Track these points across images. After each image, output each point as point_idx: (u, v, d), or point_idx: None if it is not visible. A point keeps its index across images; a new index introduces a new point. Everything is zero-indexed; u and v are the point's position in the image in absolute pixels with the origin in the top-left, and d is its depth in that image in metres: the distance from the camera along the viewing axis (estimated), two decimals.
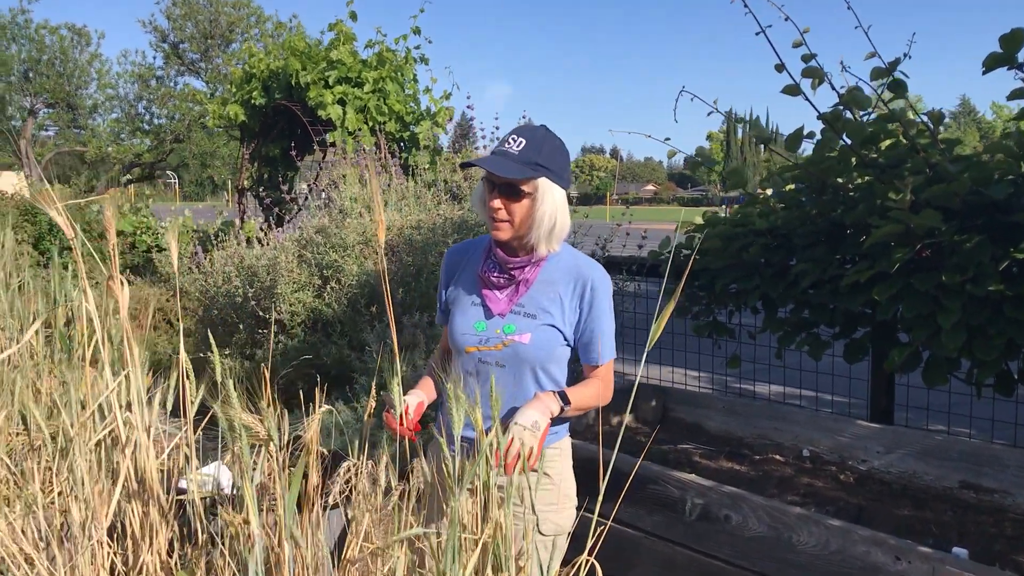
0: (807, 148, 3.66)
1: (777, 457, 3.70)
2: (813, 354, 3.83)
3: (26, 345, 2.54)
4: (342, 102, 7.13)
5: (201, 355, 5.14)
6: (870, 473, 3.51)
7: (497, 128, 6.70)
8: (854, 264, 3.43)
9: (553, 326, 2.00)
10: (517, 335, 1.98)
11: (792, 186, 3.93)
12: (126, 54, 28.70)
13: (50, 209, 1.45)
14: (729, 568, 2.77)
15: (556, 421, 2.02)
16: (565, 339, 2.03)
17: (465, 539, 1.46)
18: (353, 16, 7.65)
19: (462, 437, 1.67)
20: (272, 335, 4.70)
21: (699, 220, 4.42)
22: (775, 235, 3.85)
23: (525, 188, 1.92)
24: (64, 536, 1.61)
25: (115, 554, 1.61)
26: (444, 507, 1.95)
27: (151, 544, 1.65)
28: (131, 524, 1.62)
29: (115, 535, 1.70)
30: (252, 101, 7.77)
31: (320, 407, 1.59)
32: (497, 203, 1.94)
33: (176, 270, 1.58)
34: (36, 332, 2.63)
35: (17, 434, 1.88)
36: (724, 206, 4.27)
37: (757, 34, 3.36)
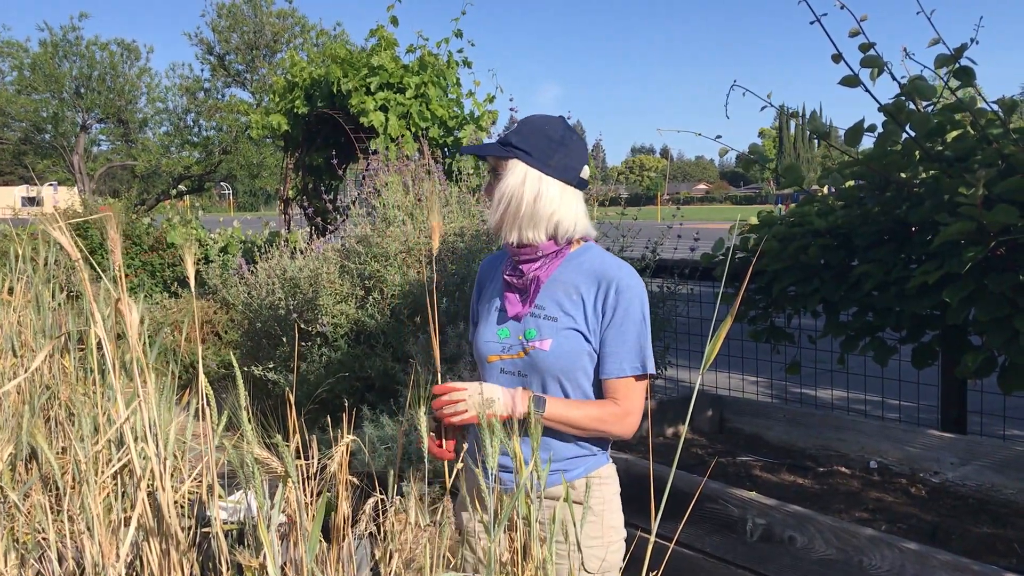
0: (868, 143, 3.46)
1: (843, 469, 3.50)
2: (878, 359, 3.63)
3: (52, 368, 2.47)
4: (384, 108, 7.06)
5: (246, 368, 5.11)
6: (943, 486, 3.30)
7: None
8: (920, 264, 3.23)
9: (578, 331, 1.81)
10: (538, 341, 1.81)
11: (852, 183, 3.73)
12: (174, 67, 29.27)
13: (52, 229, 1.36)
14: None
15: (595, 441, 1.88)
16: (593, 349, 1.84)
17: None
18: (394, 21, 7.58)
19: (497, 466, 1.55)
20: (316, 347, 4.63)
21: (754, 220, 4.24)
22: (835, 235, 3.66)
23: (500, 169, 1.84)
24: (79, 572, 1.51)
25: None
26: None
27: None
28: (148, 562, 1.52)
29: (134, 572, 1.61)
30: (295, 110, 7.74)
31: (347, 435, 1.47)
32: (487, 190, 1.89)
33: (193, 287, 1.48)
34: (67, 352, 2.56)
35: (28, 468, 1.80)
36: (779, 204, 4.09)
37: (812, 23, 3.18)
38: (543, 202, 1.80)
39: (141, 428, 1.50)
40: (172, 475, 1.59)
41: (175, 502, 1.62)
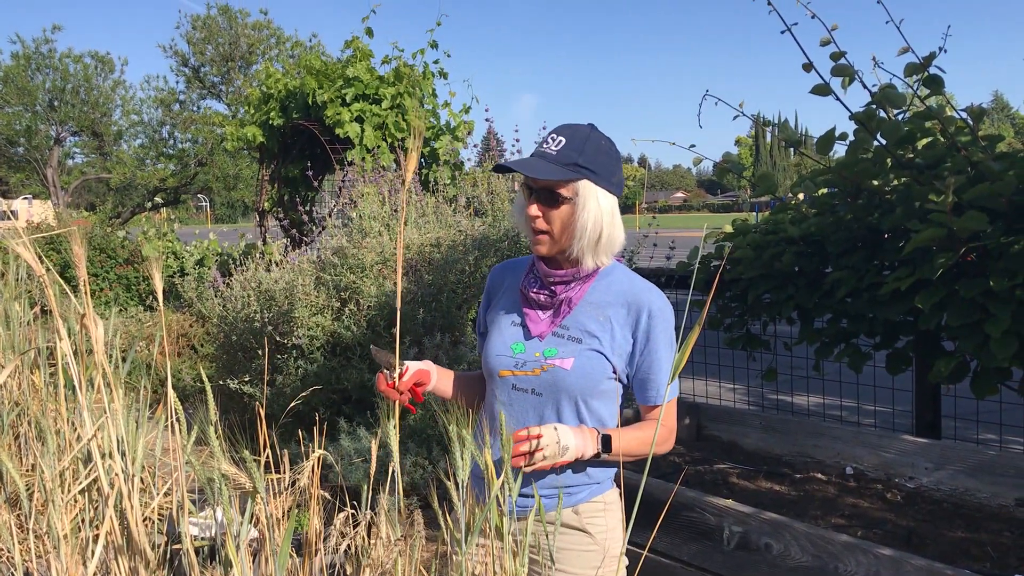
0: (840, 151, 3.49)
1: (819, 476, 3.52)
2: (853, 366, 3.65)
3: (22, 384, 2.44)
4: (360, 119, 7.05)
5: (221, 382, 5.06)
6: (919, 491, 3.32)
7: (517, 141, 6.55)
8: (893, 271, 3.26)
9: (600, 353, 1.76)
10: (558, 359, 1.75)
11: (825, 190, 3.76)
12: (149, 80, 29.07)
13: (13, 243, 1.34)
14: None
15: (597, 464, 1.84)
16: (614, 371, 1.78)
17: None
18: (369, 32, 7.58)
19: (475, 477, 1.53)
20: (292, 360, 4.59)
21: (728, 228, 4.26)
22: (808, 242, 3.68)
23: (564, 192, 1.70)
24: None
25: None
26: None
27: None
28: None
29: None
30: (270, 122, 7.72)
31: (318, 449, 1.45)
32: (535, 210, 1.73)
33: (161, 301, 1.46)
34: (38, 369, 2.53)
35: None
36: (756, 212, 4.11)
37: (782, 32, 3.21)
38: (616, 226, 1.77)
39: (108, 445, 1.48)
40: (142, 491, 1.57)
41: (145, 518, 1.60)
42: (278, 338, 4.57)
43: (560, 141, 1.71)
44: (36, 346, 2.47)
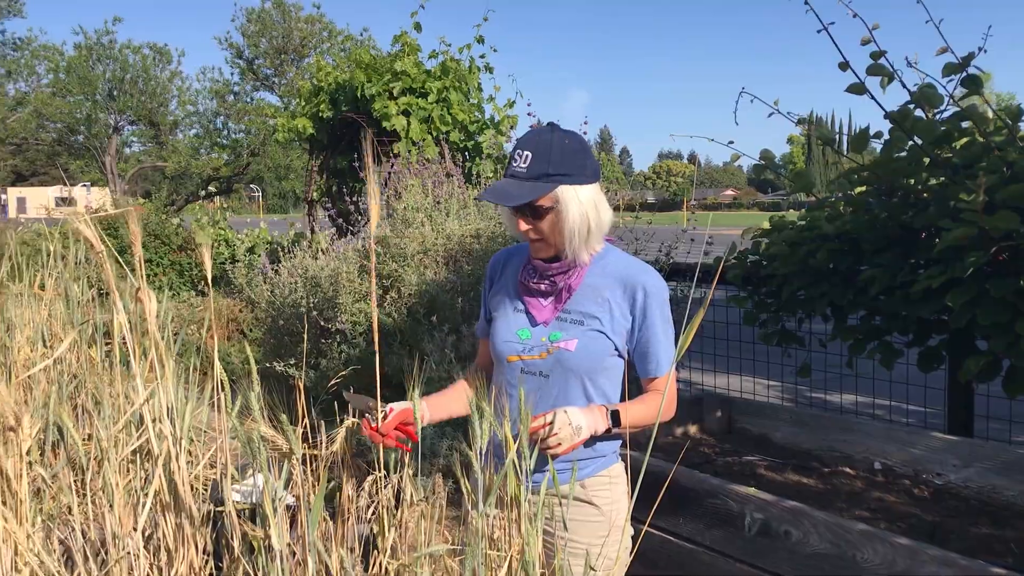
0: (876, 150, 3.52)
1: (847, 470, 3.56)
2: (885, 363, 3.68)
3: (80, 358, 2.60)
4: (406, 113, 7.19)
5: (268, 365, 5.23)
6: (946, 488, 3.34)
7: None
8: (926, 269, 3.28)
9: (602, 332, 1.86)
10: (563, 342, 1.85)
11: (862, 188, 3.78)
12: (205, 71, 29.75)
13: (78, 222, 1.48)
14: None
15: (605, 439, 1.93)
16: (616, 349, 1.89)
17: (494, 555, 1.42)
18: (418, 27, 7.71)
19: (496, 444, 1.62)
20: (335, 344, 4.75)
21: (766, 225, 4.30)
22: (843, 240, 3.71)
23: (544, 204, 1.79)
24: (100, 545, 1.62)
25: (150, 565, 1.62)
26: None
27: (184, 557, 1.65)
28: (164, 535, 1.63)
29: (151, 546, 1.71)
30: (320, 114, 7.89)
31: (350, 416, 1.57)
32: (524, 225, 1.83)
33: (210, 284, 1.58)
34: (95, 344, 2.69)
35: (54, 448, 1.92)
36: (803, 210, 4.14)
37: (819, 31, 3.24)
38: (601, 211, 1.85)
39: (159, 410, 1.61)
40: (188, 457, 1.70)
41: (190, 484, 1.73)
42: (323, 323, 4.73)
43: (527, 156, 1.79)
44: (93, 322, 2.63)
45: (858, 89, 3.31)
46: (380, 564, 1.51)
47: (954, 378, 3.78)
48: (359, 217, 6.83)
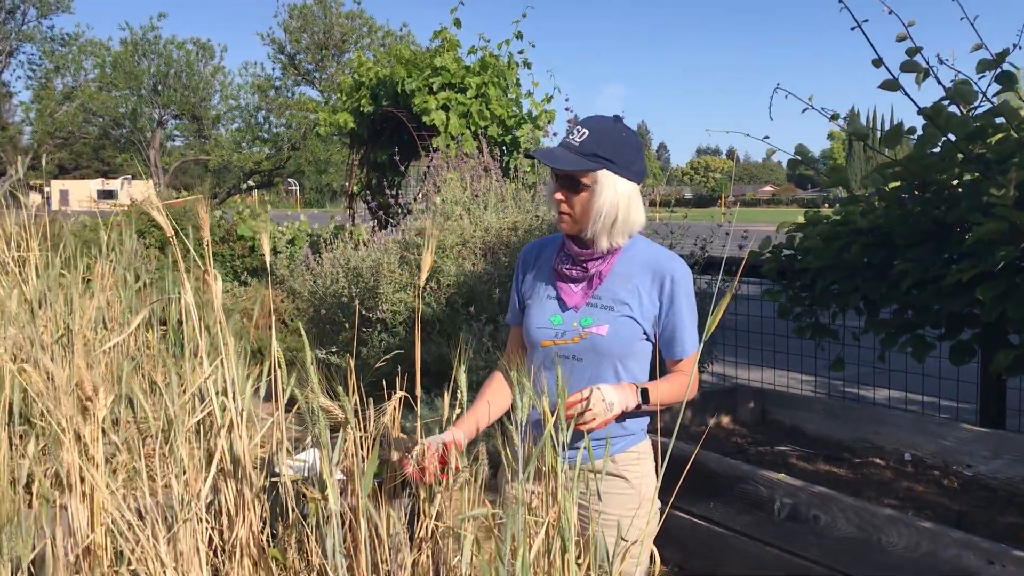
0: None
1: (877, 460, 3.62)
2: (916, 356, 3.73)
3: (140, 340, 2.75)
4: (446, 108, 7.32)
5: (311, 352, 5.38)
6: (975, 479, 3.39)
7: None
8: (958, 263, 3.33)
9: (631, 318, 1.96)
10: (594, 327, 1.95)
11: (897, 183, 3.82)
12: (247, 66, 30.22)
13: (151, 209, 1.60)
14: (817, 568, 2.74)
15: (633, 416, 2.03)
16: (644, 333, 1.99)
17: (532, 521, 1.53)
18: (457, 23, 7.84)
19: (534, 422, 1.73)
20: (376, 333, 4.88)
21: (801, 219, 4.36)
22: (877, 234, 3.76)
23: (584, 180, 1.89)
24: (166, 509, 1.75)
25: (212, 528, 1.75)
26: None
27: (244, 520, 1.78)
28: (226, 501, 1.75)
29: (213, 511, 1.85)
30: (361, 109, 8.05)
31: (400, 390, 1.68)
32: (559, 196, 1.94)
33: (269, 266, 1.71)
34: (151, 328, 2.83)
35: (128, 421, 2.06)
36: (837, 205, 4.18)
37: (852, 29, 3.30)
38: (633, 210, 1.96)
39: (221, 383, 1.73)
40: (247, 427, 1.83)
41: (248, 456, 1.86)
42: (364, 312, 4.86)
43: (584, 133, 1.91)
44: (159, 301, 2.77)
45: (891, 85, 3.36)
46: (426, 527, 1.62)
47: (986, 372, 3.81)
48: (398, 210, 6.97)
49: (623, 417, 1.95)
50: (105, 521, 1.63)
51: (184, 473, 1.70)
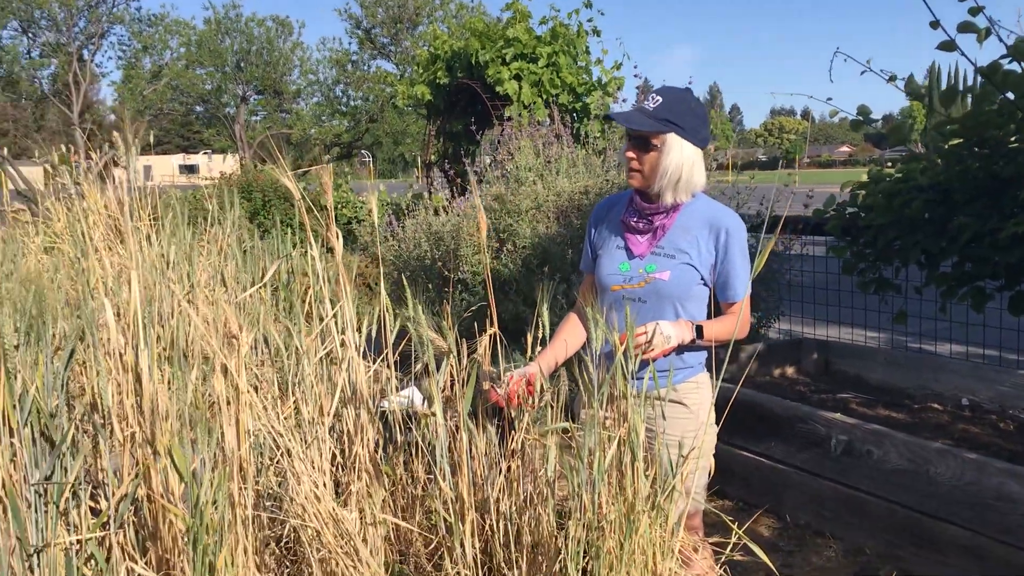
0: None
1: (935, 406, 3.80)
2: (976, 307, 3.86)
3: (257, 294, 3.11)
4: (518, 77, 7.57)
5: (396, 312, 5.75)
6: None
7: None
8: (1015, 217, 3.45)
9: (691, 265, 2.22)
10: (658, 273, 2.22)
11: (957, 141, 3.94)
12: (324, 41, 30.87)
13: (283, 176, 1.92)
14: (871, 499, 2.97)
15: (691, 351, 2.29)
16: (702, 278, 2.24)
17: (605, 437, 1.81)
18: None
19: (605, 354, 2.01)
20: (456, 293, 5.21)
21: (864, 178, 4.50)
22: (937, 190, 3.89)
23: (654, 141, 2.16)
24: (296, 431, 2.09)
25: (335, 447, 2.08)
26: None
27: (362, 439, 2.11)
28: (346, 424, 2.09)
29: (335, 435, 2.18)
30: (437, 81, 8.36)
31: (491, 328, 1.98)
32: (631, 153, 2.21)
33: (376, 221, 2.01)
34: (265, 286, 3.19)
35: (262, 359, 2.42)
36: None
37: None
38: (696, 171, 2.23)
39: (342, 322, 2.06)
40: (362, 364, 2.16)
41: (364, 384, 2.19)
42: (446, 273, 5.20)
43: (658, 100, 2.19)
44: (285, 257, 3.12)
45: (948, 47, 3.49)
46: (516, 440, 1.93)
47: None
48: (474, 177, 7.28)
49: (682, 351, 2.22)
50: (260, 430, 1.98)
51: (311, 399, 2.04)
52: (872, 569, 2.95)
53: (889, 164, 4.47)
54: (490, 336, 2.08)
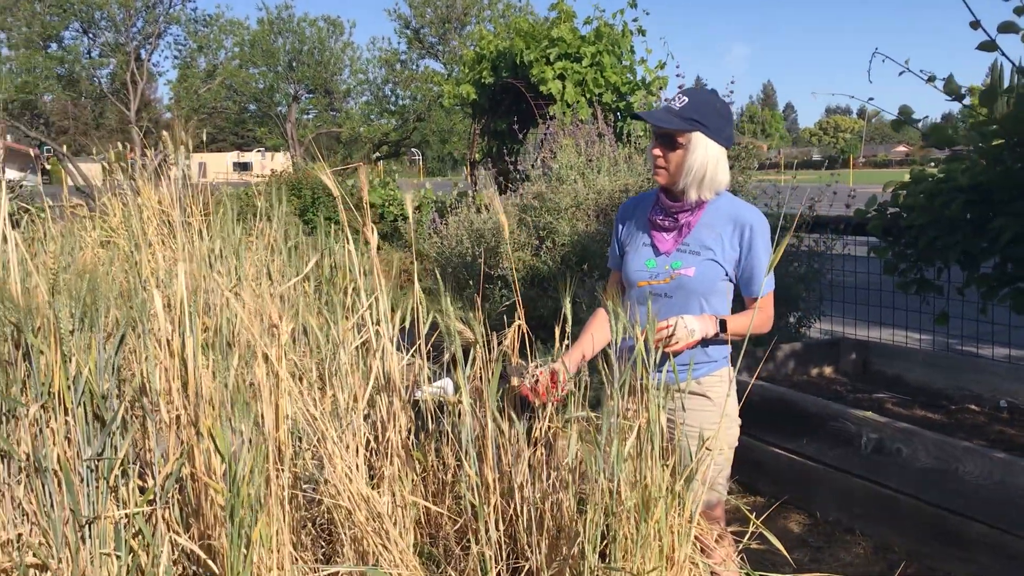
0: None
1: (972, 407, 3.78)
2: (1016, 308, 3.84)
3: (300, 287, 3.22)
4: (562, 77, 7.63)
5: (431, 306, 5.88)
6: None
7: (731, 93, 6.59)
8: None
9: (715, 261, 2.27)
10: (683, 269, 2.28)
11: (999, 142, 3.91)
12: (374, 41, 31.24)
13: (322, 174, 2.02)
14: (899, 496, 2.99)
15: (715, 344, 2.34)
16: (726, 274, 2.30)
17: (625, 425, 1.88)
18: None
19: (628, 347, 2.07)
20: (497, 289, 5.31)
21: (906, 178, 4.48)
22: (977, 191, 3.87)
23: (680, 139, 2.22)
24: (332, 418, 2.19)
25: (368, 433, 2.18)
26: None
27: (395, 426, 2.21)
28: (380, 411, 2.18)
29: (369, 422, 2.28)
30: (482, 80, 8.46)
31: (519, 319, 2.06)
32: (657, 151, 2.27)
33: (412, 222, 2.10)
34: (308, 280, 3.31)
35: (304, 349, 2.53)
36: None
37: None
38: (720, 169, 2.29)
39: (376, 314, 2.15)
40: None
41: (398, 372, 2.28)
42: (487, 269, 5.30)
43: (684, 100, 2.25)
44: (322, 252, 3.24)
45: (989, 47, 3.48)
46: (540, 429, 2.01)
47: None
48: (517, 175, 7.37)
49: (706, 344, 2.27)
50: (296, 413, 2.08)
51: (347, 386, 2.14)
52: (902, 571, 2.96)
53: (932, 164, 4.45)
54: (517, 329, 2.15)
